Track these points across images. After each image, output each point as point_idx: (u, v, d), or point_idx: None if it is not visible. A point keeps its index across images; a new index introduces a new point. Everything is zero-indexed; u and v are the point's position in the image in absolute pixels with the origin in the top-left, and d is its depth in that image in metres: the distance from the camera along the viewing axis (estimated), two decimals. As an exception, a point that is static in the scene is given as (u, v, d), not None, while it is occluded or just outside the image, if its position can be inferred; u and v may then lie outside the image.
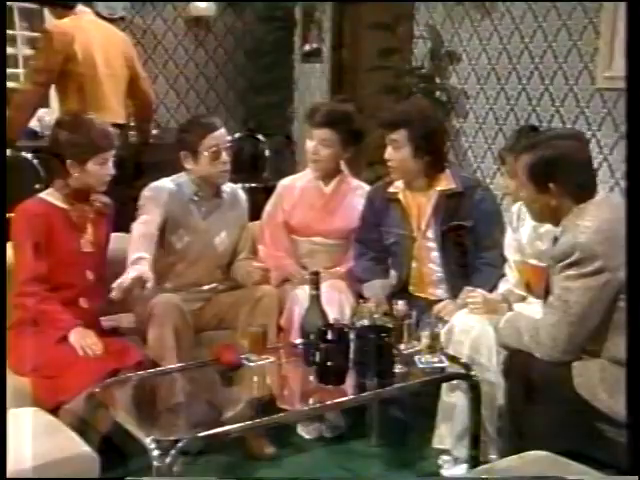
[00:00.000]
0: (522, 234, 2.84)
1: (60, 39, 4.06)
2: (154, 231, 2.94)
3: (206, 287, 3.15)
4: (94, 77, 4.16)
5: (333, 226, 3.31)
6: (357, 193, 3.34)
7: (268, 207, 3.39)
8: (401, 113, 3.10)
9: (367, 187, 3.37)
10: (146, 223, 2.93)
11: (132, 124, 4.63)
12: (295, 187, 3.38)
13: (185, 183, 3.08)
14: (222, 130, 3.06)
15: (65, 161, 2.78)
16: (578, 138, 2.53)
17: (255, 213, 3.51)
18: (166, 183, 3.08)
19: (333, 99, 3.66)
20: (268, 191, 3.52)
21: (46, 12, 5.13)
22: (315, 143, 3.25)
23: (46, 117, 4.69)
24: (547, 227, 2.64)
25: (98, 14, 4.99)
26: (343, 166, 3.37)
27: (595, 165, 3.92)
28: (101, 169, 2.82)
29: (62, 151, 2.79)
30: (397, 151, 3.05)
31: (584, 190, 2.41)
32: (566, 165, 2.39)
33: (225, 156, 3.04)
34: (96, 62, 4.16)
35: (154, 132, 5.06)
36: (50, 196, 2.84)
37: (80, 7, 4.23)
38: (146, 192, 3.04)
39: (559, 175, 2.39)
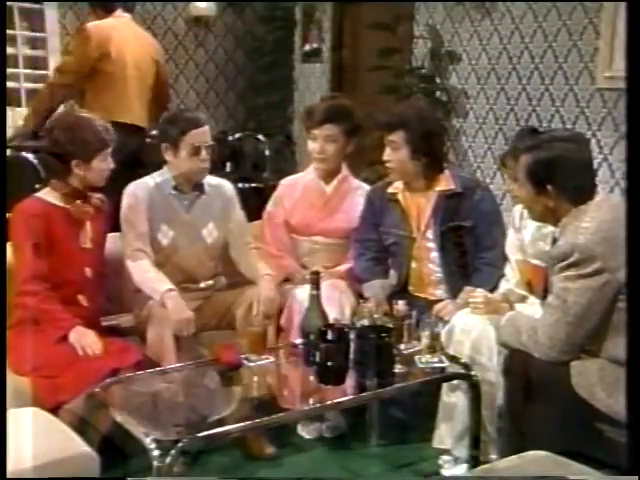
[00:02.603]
0: (525, 234, 2.84)
1: (97, 38, 4.10)
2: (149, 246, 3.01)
3: (202, 284, 3.15)
4: (123, 77, 4.20)
5: (333, 225, 3.32)
6: (358, 193, 3.34)
7: (269, 206, 3.39)
8: (398, 114, 3.10)
9: (368, 187, 3.37)
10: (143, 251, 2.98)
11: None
12: (296, 186, 3.38)
13: (165, 177, 3.07)
14: (205, 127, 3.04)
15: (68, 160, 2.78)
16: (578, 140, 2.52)
17: (256, 213, 3.51)
18: (145, 182, 3.07)
19: (324, 98, 3.66)
20: (268, 191, 3.52)
21: (47, 12, 5.16)
22: (319, 142, 3.25)
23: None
24: (550, 227, 2.64)
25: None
26: (344, 167, 3.37)
27: (595, 165, 3.93)
28: (103, 165, 2.83)
29: (66, 151, 2.78)
30: (395, 152, 3.05)
31: (582, 192, 2.41)
32: (563, 167, 2.39)
33: (205, 154, 3.02)
34: (127, 63, 4.20)
35: (153, 132, 5.06)
36: (48, 195, 2.84)
37: (119, 12, 4.31)
38: (125, 201, 3.02)
39: (556, 177, 2.39)
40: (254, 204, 3.48)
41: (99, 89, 4.15)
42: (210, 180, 3.17)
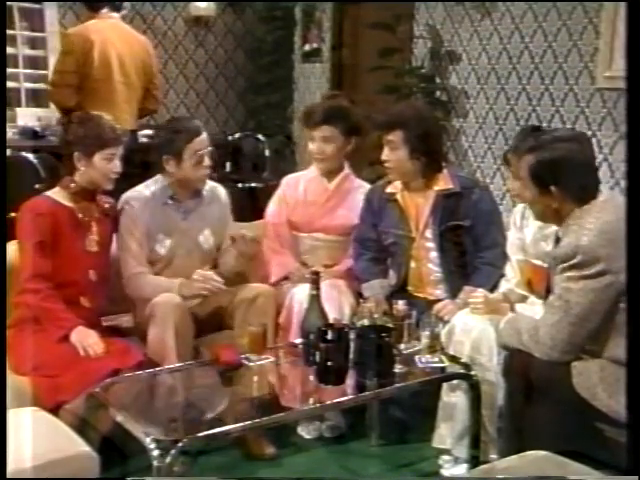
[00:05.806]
0: (526, 234, 2.84)
1: (80, 44, 4.12)
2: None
3: None
4: (109, 83, 4.21)
5: (334, 222, 3.32)
6: (359, 191, 3.35)
7: (271, 204, 3.40)
8: (397, 114, 3.10)
9: (369, 186, 3.37)
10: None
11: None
12: (299, 183, 3.39)
13: (160, 187, 3.05)
14: (205, 134, 3.03)
15: (70, 153, 2.79)
16: (580, 140, 2.51)
17: (255, 213, 3.50)
18: (139, 191, 3.04)
19: (324, 97, 3.66)
20: (268, 191, 3.52)
21: (46, 12, 5.17)
22: (318, 143, 3.26)
23: (49, 117, 4.71)
24: (552, 228, 2.63)
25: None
26: (346, 165, 3.38)
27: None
28: (107, 164, 2.82)
29: (69, 143, 2.81)
30: (394, 152, 3.05)
31: (586, 192, 2.40)
32: (567, 168, 2.38)
33: (207, 161, 3.02)
34: (112, 69, 4.20)
35: (150, 132, 5.05)
36: (56, 194, 2.84)
37: (106, 11, 4.29)
38: (120, 214, 2.98)
39: (560, 178, 2.38)
40: (254, 204, 3.48)
41: (84, 98, 4.14)
42: (205, 185, 3.15)
